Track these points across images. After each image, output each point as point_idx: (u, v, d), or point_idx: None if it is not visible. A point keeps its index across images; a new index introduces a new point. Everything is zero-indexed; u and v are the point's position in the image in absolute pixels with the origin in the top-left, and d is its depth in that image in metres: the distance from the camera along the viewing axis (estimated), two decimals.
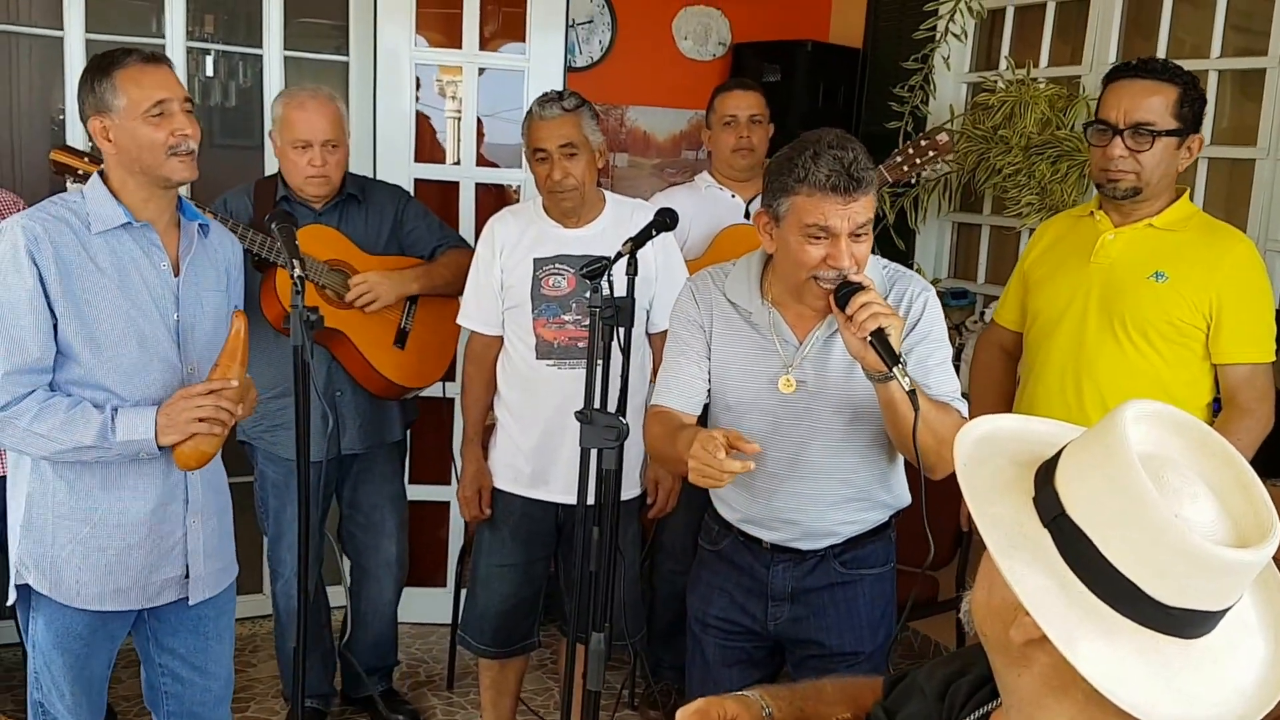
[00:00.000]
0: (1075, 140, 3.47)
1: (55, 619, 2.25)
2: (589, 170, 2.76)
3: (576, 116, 2.75)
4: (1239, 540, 0.99)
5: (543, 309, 2.79)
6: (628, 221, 2.78)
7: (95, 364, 2.15)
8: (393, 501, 3.40)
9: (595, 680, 2.21)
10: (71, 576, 2.22)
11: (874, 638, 2.26)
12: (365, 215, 3.17)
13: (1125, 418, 1.01)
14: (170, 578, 2.30)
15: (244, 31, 3.95)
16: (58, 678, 2.28)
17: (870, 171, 1.98)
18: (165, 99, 2.15)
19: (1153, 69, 2.40)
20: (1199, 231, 2.45)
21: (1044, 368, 2.59)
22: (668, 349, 2.29)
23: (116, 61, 2.14)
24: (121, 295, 2.16)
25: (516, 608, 2.92)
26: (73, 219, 2.15)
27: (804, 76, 4.16)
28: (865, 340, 1.91)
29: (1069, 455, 1.05)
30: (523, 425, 2.86)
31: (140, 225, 2.20)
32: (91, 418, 2.11)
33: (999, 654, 1.12)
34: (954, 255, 4.32)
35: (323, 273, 3.02)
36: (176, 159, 2.16)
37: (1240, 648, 1.04)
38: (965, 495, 1.08)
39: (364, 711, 3.53)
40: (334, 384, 3.13)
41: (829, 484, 2.18)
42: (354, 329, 3.06)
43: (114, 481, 2.21)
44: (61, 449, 2.12)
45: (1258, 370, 2.42)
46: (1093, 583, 0.99)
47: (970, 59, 4.13)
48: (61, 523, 2.21)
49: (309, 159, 3.01)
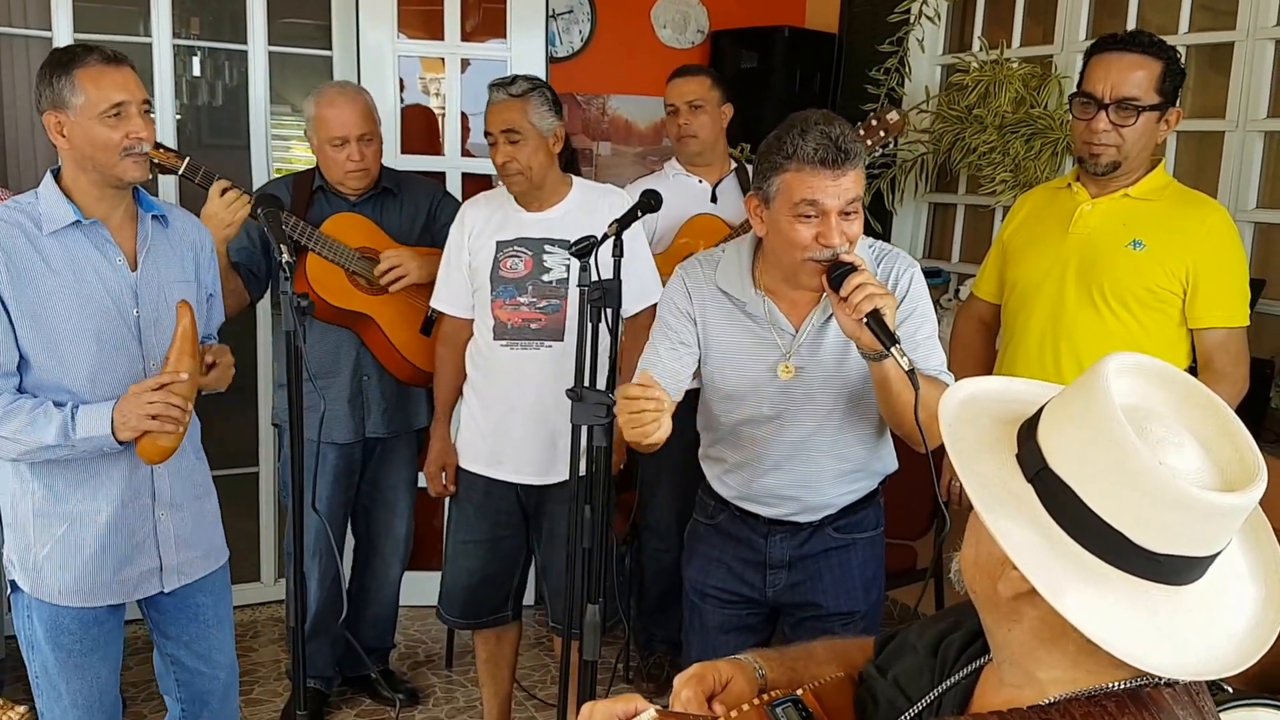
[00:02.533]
0: (1048, 118, 3.54)
1: (45, 615, 2.26)
2: (535, 155, 2.75)
3: (523, 102, 2.74)
4: (1225, 485, 0.98)
5: (500, 290, 2.81)
6: (594, 206, 2.81)
7: (55, 366, 2.14)
8: (408, 485, 3.49)
9: (591, 650, 2.28)
10: (52, 574, 2.23)
11: (867, 598, 2.32)
12: (400, 208, 3.23)
13: (1107, 370, 1.01)
14: (146, 569, 2.31)
15: (229, 32, 4.00)
16: (54, 677, 2.29)
17: (858, 144, 1.99)
18: (124, 101, 2.13)
19: (1139, 42, 2.43)
20: (1174, 200, 2.50)
21: (1023, 336, 2.63)
22: (654, 334, 2.29)
23: (77, 59, 2.13)
24: (76, 295, 2.15)
25: (484, 582, 2.96)
26: (25, 221, 2.14)
27: (781, 62, 4.21)
28: (861, 321, 1.92)
29: (1051, 411, 1.06)
30: (482, 405, 2.90)
31: (90, 222, 2.18)
32: (53, 417, 2.10)
33: (989, 611, 1.12)
34: (930, 235, 4.39)
35: (353, 259, 3.07)
36: (130, 159, 2.15)
37: (1230, 593, 1.04)
38: (950, 455, 1.09)
39: (363, 691, 3.58)
40: (362, 369, 3.21)
41: (828, 461, 2.21)
42: (383, 315, 3.13)
43: (85, 479, 2.22)
44: (27, 449, 2.12)
45: (1232, 334, 2.48)
46: (1078, 534, 1.00)
47: (944, 41, 4.20)
48: (39, 520, 2.22)
49: (347, 154, 3.06)
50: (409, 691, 3.59)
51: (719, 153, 3.52)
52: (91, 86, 2.12)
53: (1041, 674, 1.08)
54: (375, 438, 3.32)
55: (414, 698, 3.58)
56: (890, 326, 1.91)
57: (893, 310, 1.93)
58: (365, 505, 3.46)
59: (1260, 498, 0.99)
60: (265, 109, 3.86)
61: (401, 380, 3.26)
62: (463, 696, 3.63)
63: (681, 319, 2.22)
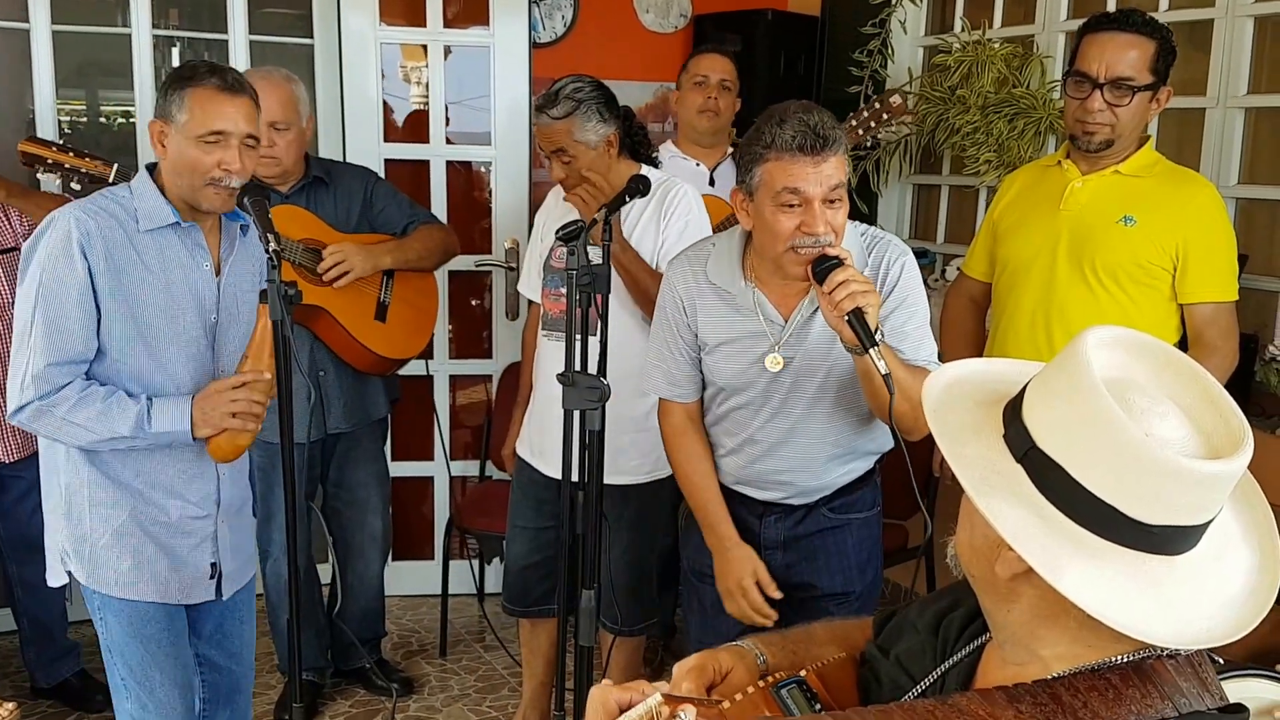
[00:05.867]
0: (1031, 98, 3.55)
1: (123, 611, 2.24)
2: (590, 169, 2.73)
3: (566, 124, 2.70)
4: (1212, 453, 0.99)
5: (548, 280, 2.85)
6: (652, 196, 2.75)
7: (132, 360, 2.15)
8: (378, 479, 3.45)
9: (587, 636, 2.29)
10: (110, 566, 2.22)
11: (863, 578, 2.33)
12: (334, 197, 3.19)
13: (1086, 345, 1.02)
14: (203, 574, 2.31)
15: (209, 22, 3.97)
16: (148, 668, 2.25)
17: (837, 131, 2.00)
18: (225, 131, 2.12)
19: (1133, 22, 2.43)
20: (1164, 177, 2.52)
21: (1015, 314, 2.64)
22: (654, 334, 2.33)
23: (196, 77, 2.12)
24: (165, 294, 2.17)
25: (530, 569, 2.99)
26: (123, 215, 2.15)
27: (764, 45, 4.21)
28: (843, 318, 1.93)
29: (1034, 389, 1.06)
30: (536, 394, 2.94)
31: (188, 225, 2.20)
32: (128, 408, 2.11)
33: (987, 592, 1.13)
34: (915, 217, 4.40)
35: (298, 251, 3.03)
36: (212, 189, 2.14)
37: (1226, 559, 1.05)
38: (937, 439, 1.10)
39: (358, 682, 3.58)
40: (317, 364, 3.16)
41: (821, 447, 2.23)
42: (334, 304, 3.08)
43: (151, 476, 2.22)
44: (98, 439, 2.12)
45: (1222, 309, 2.50)
46: (1071, 510, 1.00)
47: (926, 22, 4.20)
48: (98, 510, 2.21)
49: (266, 139, 3.02)
50: (403, 681, 3.59)
51: (724, 136, 3.54)
52: (198, 108, 2.11)
53: (1044, 651, 1.08)
54: (336, 433, 3.28)
55: (409, 687, 3.58)
56: (872, 326, 1.92)
57: (876, 309, 1.95)
58: (335, 508, 3.43)
59: (1248, 463, 1.00)
60: None
61: (360, 370, 3.22)
62: (457, 685, 3.64)
63: (677, 316, 2.27)
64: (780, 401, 2.20)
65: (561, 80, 2.75)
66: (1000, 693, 1.05)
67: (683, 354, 2.28)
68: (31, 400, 2.09)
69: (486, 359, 4.15)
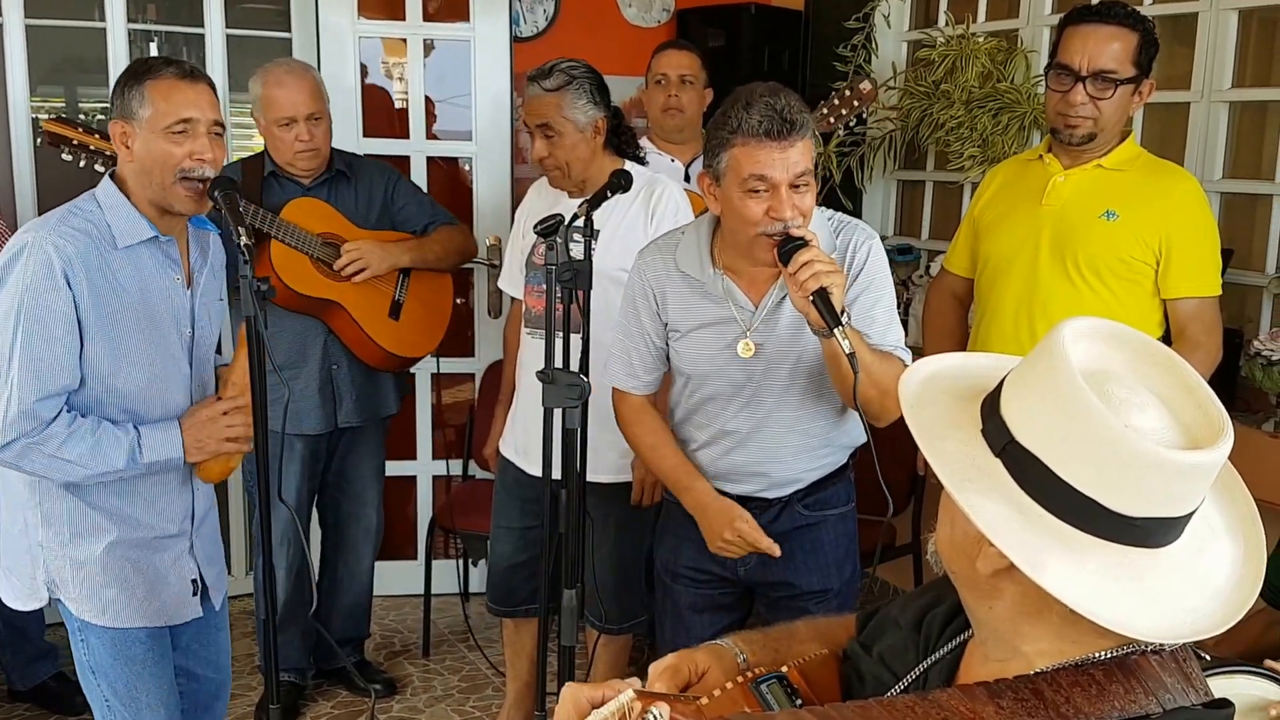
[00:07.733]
0: (1015, 92, 3.53)
1: (106, 636, 2.17)
2: (574, 150, 2.70)
3: (558, 97, 2.66)
4: (1191, 443, 0.98)
5: (530, 276, 2.82)
6: (638, 193, 2.72)
7: (118, 385, 2.08)
8: (376, 474, 3.47)
9: (569, 635, 2.27)
10: (96, 595, 2.15)
11: (840, 575, 2.32)
12: (355, 192, 3.19)
13: (1063, 337, 1.01)
14: (186, 592, 2.26)
15: (186, 16, 3.93)
16: (133, 691, 2.19)
17: (804, 115, 1.99)
18: (191, 118, 2.06)
19: (1115, 14, 2.42)
20: (1146, 171, 2.51)
21: (998, 309, 2.63)
22: (619, 324, 2.31)
23: (152, 70, 2.06)
24: (146, 315, 2.10)
25: (514, 569, 2.97)
26: (97, 234, 2.06)
27: (748, 40, 4.18)
28: (808, 298, 1.93)
29: (1012, 382, 1.05)
30: (519, 392, 2.91)
31: (166, 240, 2.13)
32: (119, 440, 2.05)
33: (969, 589, 1.12)
34: (899, 213, 4.39)
35: (316, 245, 3.04)
36: (183, 186, 2.07)
37: (1209, 551, 1.04)
38: (914, 435, 1.08)
39: (339, 683, 3.55)
40: (331, 357, 3.18)
41: (792, 437, 2.22)
42: (350, 300, 3.10)
43: (130, 495, 2.16)
44: (90, 474, 2.05)
45: (1205, 304, 2.49)
46: (1051, 504, 0.99)
47: (910, 17, 4.18)
48: (79, 541, 2.13)
49: (295, 134, 3.02)
50: (386, 682, 3.57)
51: (695, 132, 3.50)
52: (161, 99, 2.05)
53: (1026, 647, 1.07)
54: (345, 427, 3.29)
55: (391, 688, 3.56)
56: (838, 306, 1.91)
57: (841, 289, 1.94)
58: (334, 496, 3.43)
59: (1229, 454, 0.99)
60: (224, 94, 3.79)
61: (372, 366, 3.24)
62: (440, 685, 3.61)
63: (643, 305, 2.25)
64: (752, 391, 2.19)
65: (557, 59, 2.74)
66: (982, 688, 1.03)
67: (648, 344, 2.27)
68: (16, 438, 2.00)
69: (469, 357, 4.13)
